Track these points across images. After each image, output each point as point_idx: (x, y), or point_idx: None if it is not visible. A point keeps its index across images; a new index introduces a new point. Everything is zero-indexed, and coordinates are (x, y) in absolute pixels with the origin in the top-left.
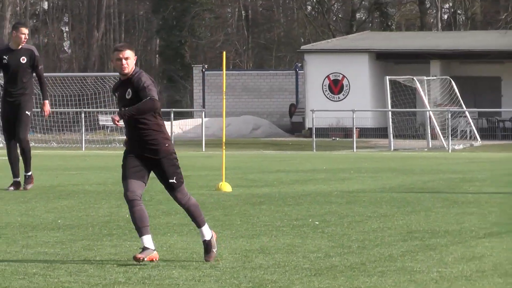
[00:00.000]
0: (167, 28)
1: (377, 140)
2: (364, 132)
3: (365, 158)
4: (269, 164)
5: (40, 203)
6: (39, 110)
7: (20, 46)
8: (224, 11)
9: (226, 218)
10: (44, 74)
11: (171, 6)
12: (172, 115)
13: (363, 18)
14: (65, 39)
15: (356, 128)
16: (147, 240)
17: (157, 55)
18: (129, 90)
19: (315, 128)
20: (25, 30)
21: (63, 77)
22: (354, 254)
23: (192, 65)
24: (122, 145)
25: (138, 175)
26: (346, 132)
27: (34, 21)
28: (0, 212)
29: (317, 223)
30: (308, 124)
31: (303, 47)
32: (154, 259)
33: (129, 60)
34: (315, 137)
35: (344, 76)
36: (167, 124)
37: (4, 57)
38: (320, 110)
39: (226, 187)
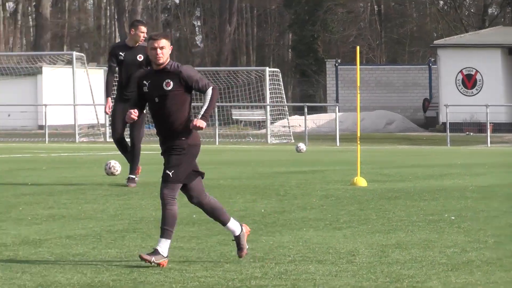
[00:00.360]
0: (299, 22)
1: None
2: (498, 127)
3: (499, 153)
4: (403, 158)
5: None
6: None
7: (137, 44)
8: (357, 5)
9: (362, 212)
10: None
11: (304, 0)
12: (305, 109)
13: (495, 13)
14: (197, 33)
15: (490, 123)
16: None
17: (289, 50)
18: (168, 80)
19: (449, 122)
20: (143, 29)
21: None
22: (491, 249)
23: (325, 60)
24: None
25: None
26: (480, 127)
27: (166, 15)
28: (135, 206)
29: (453, 218)
30: (442, 119)
31: (436, 42)
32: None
33: (164, 49)
34: (449, 132)
35: (477, 71)
36: (300, 118)
37: (121, 53)
38: (454, 105)
39: (361, 181)
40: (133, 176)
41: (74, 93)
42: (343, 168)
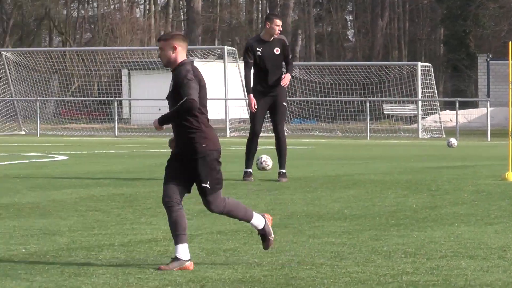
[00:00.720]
0: (451, 17)
1: None
2: None
3: None
4: None
5: (326, 193)
6: (322, 98)
7: (272, 38)
8: (508, 0)
9: None
10: (329, 62)
11: None
12: (457, 104)
13: None
14: (349, 28)
15: None
16: (181, 250)
17: (441, 45)
18: (171, 82)
19: None
20: (278, 22)
21: (347, 66)
22: None
23: (477, 55)
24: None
25: (178, 180)
26: None
27: (318, 9)
28: (286, 201)
29: None
30: None
31: None
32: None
33: (163, 51)
34: None
35: None
36: (451, 113)
37: (258, 49)
38: None
39: None
40: (284, 171)
41: (225, 87)
42: (494, 163)
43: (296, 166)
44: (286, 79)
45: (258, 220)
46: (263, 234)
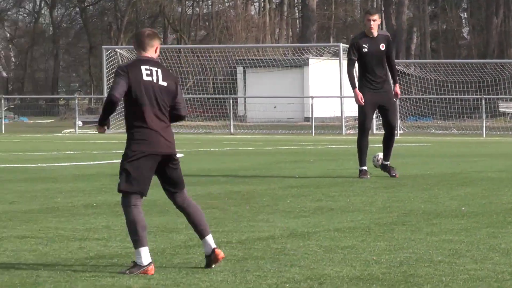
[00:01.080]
0: None
1: None
2: None
3: None
4: None
5: (443, 190)
6: (437, 96)
7: (377, 34)
8: None
9: None
10: (444, 60)
11: None
12: None
13: None
14: (464, 25)
15: None
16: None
17: None
18: None
19: None
20: (370, 17)
21: (462, 63)
22: None
23: None
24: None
25: None
26: None
27: (433, 7)
28: (403, 199)
29: None
30: None
31: None
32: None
33: None
34: None
35: None
36: None
37: (364, 45)
38: None
39: None
40: (387, 163)
41: (341, 85)
42: None
43: (412, 163)
44: (399, 93)
45: (143, 254)
46: (134, 265)
